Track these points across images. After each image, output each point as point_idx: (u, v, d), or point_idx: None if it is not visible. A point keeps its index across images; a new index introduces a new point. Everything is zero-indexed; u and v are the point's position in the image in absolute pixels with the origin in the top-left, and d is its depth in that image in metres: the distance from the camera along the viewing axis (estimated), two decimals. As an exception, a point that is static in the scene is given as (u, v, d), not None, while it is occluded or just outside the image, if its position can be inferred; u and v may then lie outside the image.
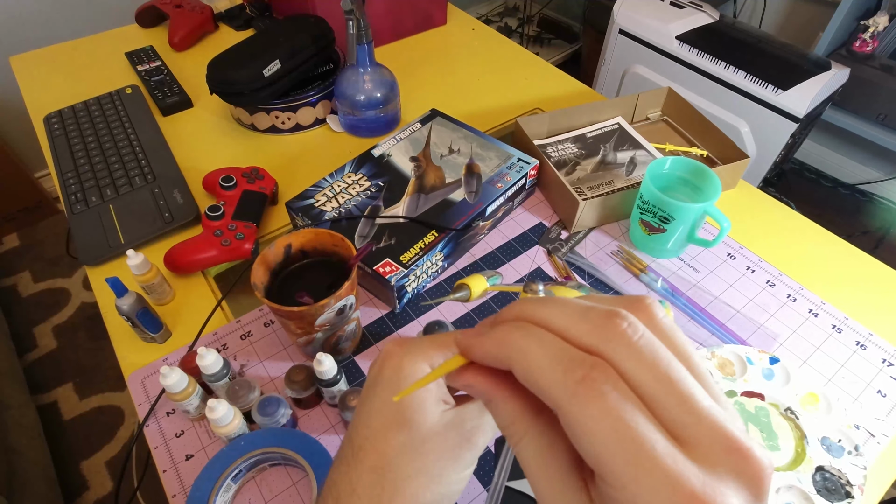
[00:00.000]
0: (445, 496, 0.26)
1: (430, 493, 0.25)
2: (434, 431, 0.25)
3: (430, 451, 0.25)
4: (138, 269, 0.55)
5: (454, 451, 0.25)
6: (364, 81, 0.76)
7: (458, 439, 0.25)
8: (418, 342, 0.26)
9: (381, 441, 0.25)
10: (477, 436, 0.26)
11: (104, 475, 1.16)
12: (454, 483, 0.26)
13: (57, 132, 0.80)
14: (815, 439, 0.48)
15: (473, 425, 0.25)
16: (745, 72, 1.26)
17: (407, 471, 0.24)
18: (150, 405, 0.51)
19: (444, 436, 0.25)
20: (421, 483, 0.24)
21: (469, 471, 0.26)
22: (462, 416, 0.26)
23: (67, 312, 1.47)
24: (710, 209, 0.58)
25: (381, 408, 0.25)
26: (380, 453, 0.25)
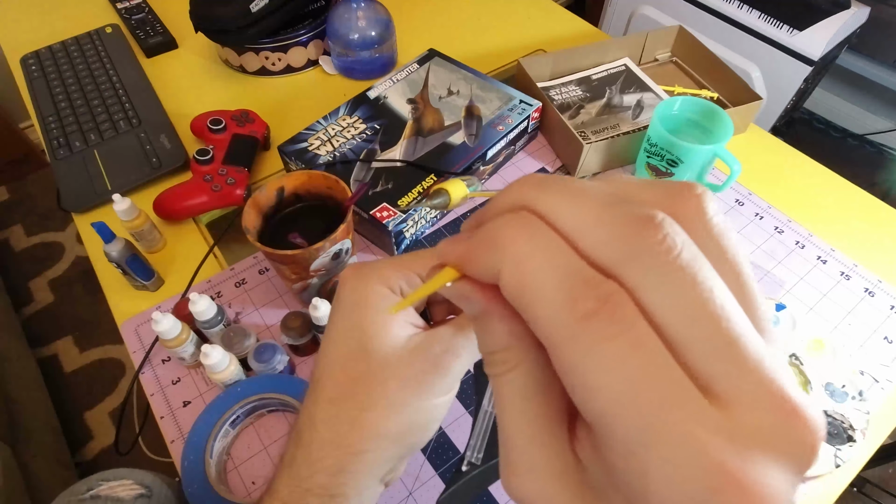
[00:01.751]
0: (416, 425, 0.24)
1: (392, 422, 0.23)
2: (396, 357, 0.23)
3: (391, 378, 0.23)
4: (126, 215, 0.53)
5: (420, 378, 0.23)
6: (357, 18, 0.72)
7: (424, 365, 0.23)
8: (375, 264, 0.24)
9: (338, 371, 0.24)
10: (448, 360, 0.24)
11: (108, 425, 1.18)
12: (424, 411, 0.24)
13: (35, 74, 0.75)
14: (818, 385, 0.48)
15: (443, 349, 0.23)
16: (759, 11, 1.20)
17: (365, 401, 0.23)
18: (144, 353, 0.50)
19: (408, 361, 0.23)
20: (381, 413, 0.23)
21: (444, 399, 0.24)
22: (430, 340, 0.24)
23: (62, 266, 1.45)
24: (720, 151, 0.55)
25: (336, 337, 0.24)
26: (337, 383, 0.23)
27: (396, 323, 0.24)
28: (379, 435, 0.23)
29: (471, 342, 0.24)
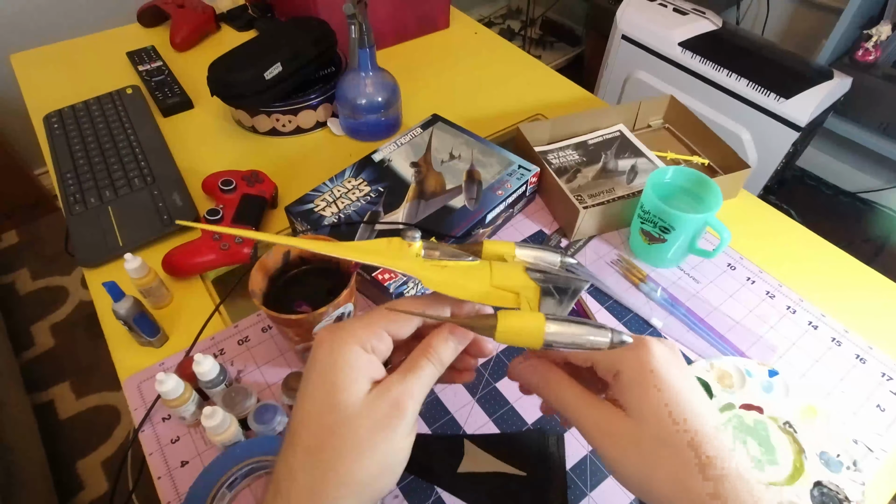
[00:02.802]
0: (385, 467, 0.26)
1: (364, 466, 0.25)
2: (363, 405, 0.26)
3: (360, 426, 0.26)
4: (136, 273, 0.55)
5: (384, 421, 0.26)
6: (365, 85, 0.76)
7: (386, 409, 0.26)
8: (347, 325, 0.28)
9: (313, 423, 0.26)
10: (405, 400, 0.27)
11: (100, 475, 1.16)
12: (390, 454, 0.26)
13: (57, 132, 0.79)
14: (813, 454, 0.48)
15: (399, 391, 0.27)
16: (748, 79, 1.26)
17: (339, 448, 0.25)
18: (145, 410, 0.51)
19: (372, 408, 0.26)
20: (353, 458, 0.25)
21: (406, 441, 0.27)
22: (388, 385, 0.27)
23: (66, 310, 1.46)
24: (711, 220, 0.57)
25: (313, 392, 0.27)
26: (312, 434, 0.26)
27: (363, 376, 0.27)
28: (353, 480, 0.25)
29: (420, 382, 0.27)
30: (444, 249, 0.32)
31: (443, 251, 0.32)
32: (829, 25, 1.45)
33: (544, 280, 0.31)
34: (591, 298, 0.61)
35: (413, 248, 0.32)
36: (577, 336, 0.27)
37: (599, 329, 0.28)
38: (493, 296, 0.30)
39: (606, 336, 0.28)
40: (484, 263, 0.32)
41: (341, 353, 0.27)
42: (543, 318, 0.27)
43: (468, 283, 0.31)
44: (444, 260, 0.32)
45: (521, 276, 0.31)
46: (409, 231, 0.32)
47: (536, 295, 0.30)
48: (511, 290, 0.31)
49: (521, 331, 0.27)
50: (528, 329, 0.27)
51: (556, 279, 0.31)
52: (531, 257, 0.34)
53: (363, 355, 0.27)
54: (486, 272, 0.31)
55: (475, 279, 0.31)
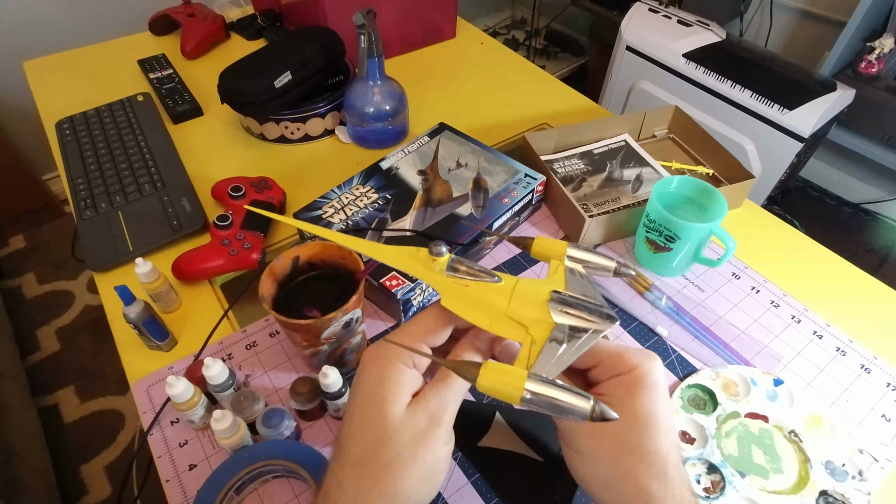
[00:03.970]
0: (425, 478, 0.28)
1: (407, 477, 0.27)
2: (404, 418, 0.27)
3: (402, 439, 0.27)
4: (146, 278, 0.56)
5: (425, 433, 0.27)
6: (373, 94, 0.77)
7: (425, 422, 0.28)
8: (391, 343, 0.29)
9: (360, 437, 0.28)
10: (442, 412, 0.28)
11: (103, 480, 1.16)
12: (430, 463, 0.28)
13: (68, 138, 0.80)
14: (818, 463, 0.48)
15: (435, 403, 0.28)
16: (751, 91, 1.27)
17: (384, 460, 0.27)
18: (154, 413, 0.51)
19: (412, 422, 0.27)
20: (397, 470, 0.27)
21: (445, 450, 0.29)
22: (425, 398, 0.28)
23: (71, 315, 1.47)
24: (716, 229, 0.58)
25: (361, 407, 0.28)
26: (359, 448, 0.28)
27: (406, 391, 0.28)
28: (397, 490, 0.27)
29: (453, 391, 0.29)
30: (469, 267, 0.32)
31: (468, 268, 0.32)
32: (832, 37, 1.46)
33: (568, 312, 0.30)
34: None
35: (438, 263, 0.32)
36: (556, 402, 0.25)
37: (581, 398, 0.25)
38: (503, 325, 0.30)
39: (587, 405, 0.25)
40: (507, 287, 0.31)
41: (386, 371, 0.28)
42: (525, 377, 0.26)
43: (484, 306, 0.30)
44: (466, 279, 0.31)
45: (539, 307, 0.30)
46: (437, 246, 0.32)
47: (547, 333, 0.29)
48: (524, 321, 0.30)
49: (500, 386, 0.26)
50: (507, 386, 0.26)
51: (582, 311, 0.30)
52: (582, 260, 0.33)
53: (406, 371, 0.29)
54: (506, 297, 0.31)
55: (492, 303, 0.31)
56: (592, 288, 0.32)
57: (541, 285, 0.32)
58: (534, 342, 0.29)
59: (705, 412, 0.52)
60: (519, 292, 0.31)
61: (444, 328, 0.31)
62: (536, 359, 0.28)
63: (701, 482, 0.47)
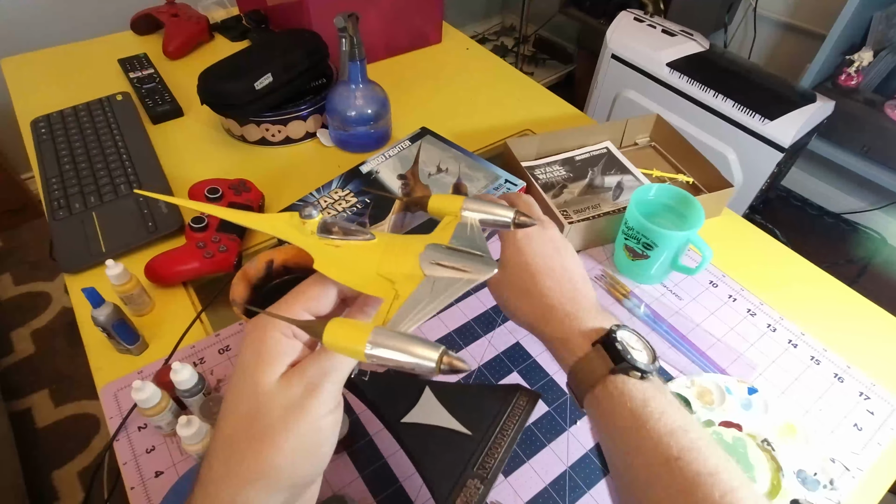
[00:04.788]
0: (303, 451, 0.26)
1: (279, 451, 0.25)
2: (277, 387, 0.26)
3: (273, 409, 0.25)
4: (117, 280, 0.54)
5: (301, 402, 0.25)
6: (355, 98, 0.77)
7: (300, 389, 0.26)
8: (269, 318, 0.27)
9: (232, 412, 0.26)
10: (320, 379, 0.26)
11: (75, 486, 1.13)
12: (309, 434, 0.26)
13: (44, 137, 0.79)
14: (790, 472, 0.48)
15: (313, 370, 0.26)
16: (733, 101, 1.28)
17: (254, 433, 0.25)
18: (121, 419, 0.50)
19: (286, 390, 0.25)
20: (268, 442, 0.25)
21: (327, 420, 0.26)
22: (303, 366, 0.26)
23: (47, 317, 1.44)
24: (693, 237, 0.58)
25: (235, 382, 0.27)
26: (230, 423, 0.26)
27: (281, 361, 0.26)
28: (268, 464, 0.25)
29: (335, 360, 0.27)
30: (341, 226, 0.31)
31: (339, 228, 0.31)
32: (813, 50, 1.49)
33: (441, 264, 0.29)
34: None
35: (308, 225, 0.31)
36: (400, 355, 0.24)
37: (429, 348, 0.24)
38: (372, 283, 0.29)
39: (433, 355, 0.23)
40: (378, 244, 0.31)
41: (262, 341, 0.26)
42: (369, 331, 0.24)
43: (355, 266, 0.29)
44: (337, 239, 0.31)
45: (410, 262, 0.29)
46: (307, 208, 0.31)
47: (411, 288, 0.27)
48: (394, 277, 0.29)
49: (344, 342, 0.24)
50: (350, 341, 0.24)
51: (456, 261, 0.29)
52: (479, 211, 0.32)
53: (283, 340, 0.27)
54: (377, 255, 0.30)
55: (363, 262, 0.30)
56: (479, 238, 0.31)
57: (418, 240, 0.30)
58: (397, 297, 0.27)
59: (680, 420, 0.52)
60: (391, 248, 0.30)
61: (325, 294, 0.30)
62: (394, 314, 0.26)
63: (674, 491, 0.47)
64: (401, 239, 0.31)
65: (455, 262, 0.29)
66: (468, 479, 0.34)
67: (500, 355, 0.57)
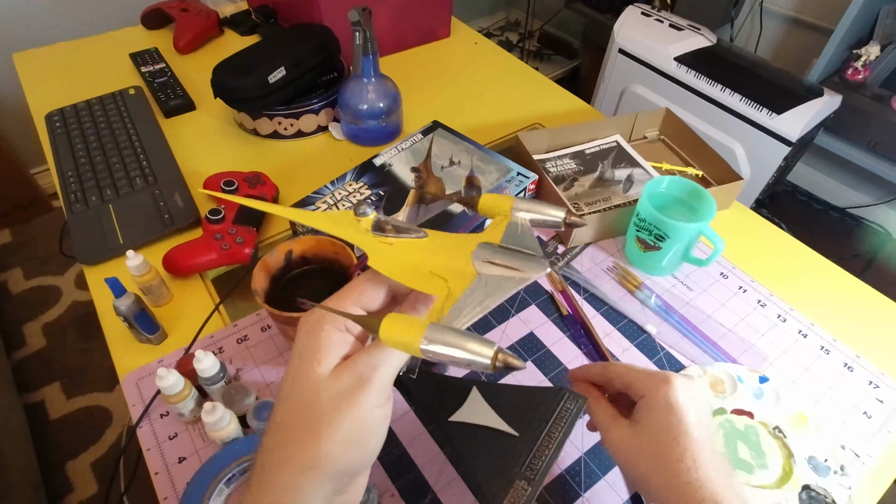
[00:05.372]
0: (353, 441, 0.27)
1: (330, 440, 0.26)
2: (329, 378, 0.27)
3: (324, 400, 0.26)
4: (137, 271, 0.55)
5: (351, 393, 0.26)
6: (367, 91, 0.77)
7: (351, 381, 0.27)
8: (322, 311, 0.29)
9: (287, 400, 0.27)
10: (370, 373, 0.27)
11: (89, 477, 1.15)
12: (359, 425, 0.26)
13: (59, 130, 0.80)
14: (802, 458, 0.49)
15: (363, 363, 0.27)
16: (741, 95, 1.29)
17: (307, 422, 0.26)
18: (143, 407, 0.51)
19: (337, 381, 0.27)
20: (320, 430, 0.26)
21: (377, 412, 0.27)
22: (355, 360, 0.27)
23: (57, 311, 1.46)
24: (704, 229, 0.59)
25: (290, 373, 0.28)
26: (284, 411, 0.27)
27: (333, 354, 0.27)
28: (319, 452, 0.26)
29: (385, 354, 0.28)
30: (394, 225, 0.32)
31: (393, 226, 0.31)
32: (819, 45, 1.49)
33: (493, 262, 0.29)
34: (587, 305, 0.62)
35: (363, 222, 0.32)
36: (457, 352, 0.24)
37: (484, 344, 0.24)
38: (425, 280, 0.29)
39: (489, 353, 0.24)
40: (431, 242, 0.31)
41: (315, 334, 0.28)
42: (425, 326, 0.24)
43: (407, 263, 0.30)
44: (390, 237, 0.31)
45: (463, 260, 0.29)
46: (362, 206, 0.32)
47: (464, 286, 0.28)
48: (447, 275, 0.29)
49: (400, 336, 0.25)
50: (406, 336, 0.25)
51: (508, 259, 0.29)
52: (530, 210, 0.32)
53: (335, 333, 0.28)
54: (431, 252, 0.30)
55: (416, 259, 0.30)
56: (530, 238, 0.31)
57: (470, 239, 0.30)
58: (450, 295, 0.27)
59: (692, 408, 0.52)
60: (444, 246, 0.30)
61: (376, 290, 0.30)
62: (448, 310, 0.26)
63: (687, 477, 0.48)
64: (452, 237, 0.31)
65: (507, 260, 0.29)
66: (515, 479, 0.34)
67: (515, 344, 0.57)
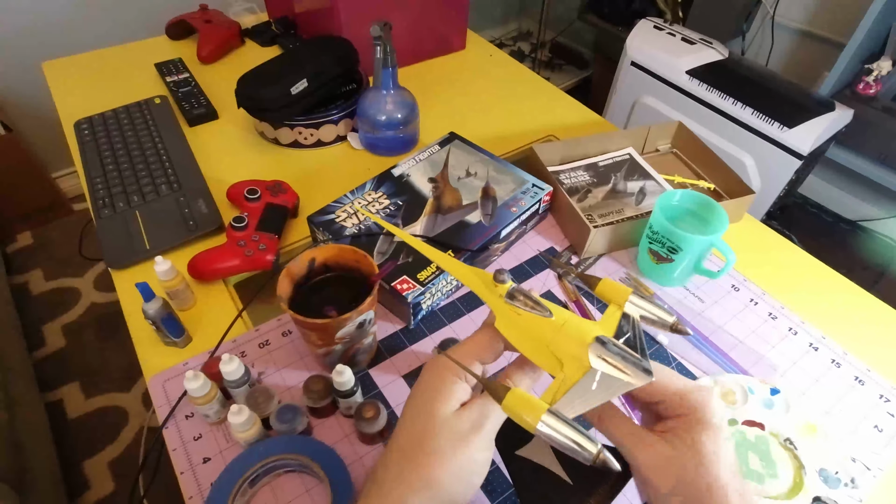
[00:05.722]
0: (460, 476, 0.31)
1: (444, 471, 0.31)
2: (451, 418, 0.32)
3: (444, 435, 0.31)
4: (165, 276, 0.57)
5: (466, 435, 0.31)
6: (386, 103, 0.79)
7: (468, 425, 0.32)
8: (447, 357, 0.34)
9: (409, 428, 0.33)
10: (483, 421, 0.32)
11: (106, 476, 1.17)
12: (467, 463, 0.31)
13: (87, 138, 0.82)
14: (812, 470, 0.50)
15: (479, 412, 0.32)
16: (752, 108, 1.29)
17: (427, 449, 0.31)
18: (169, 408, 0.53)
19: (457, 423, 0.32)
20: (436, 460, 0.31)
21: (482, 455, 0.32)
22: (471, 406, 0.32)
23: (77, 312, 1.49)
24: (716, 242, 0.60)
25: (414, 405, 0.33)
26: (407, 437, 0.32)
27: (454, 399, 0.33)
28: (433, 478, 0.31)
29: (496, 407, 0.32)
30: (526, 297, 0.35)
31: (525, 299, 0.35)
32: (831, 58, 1.49)
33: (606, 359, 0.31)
34: (600, 315, 0.63)
35: (500, 288, 0.35)
36: (565, 440, 0.28)
37: (589, 442, 0.28)
38: (543, 356, 0.32)
39: (593, 450, 0.28)
40: (556, 322, 0.33)
41: (442, 379, 0.33)
42: (544, 410, 0.29)
43: (530, 335, 0.33)
44: (521, 309, 0.34)
45: (581, 347, 0.32)
46: (502, 274, 0.35)
47: (579, 375, 0.31)
48: (563, 357, 0.32)
49: (521, 412, 0.29)
50: (526, 414, 0.29)
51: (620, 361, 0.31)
52: (642, 308, 0.35)
53: (458, 383, 0.33)
54: (553, 331, 0.33)
55: (539, 334, 0.33)
56: (640, 340, 0.33)
57: (590, 327, 0.33)
58: (564, 380, 0.31)
59: (704, 418, 0.53)
60: (566, 329, 0.33)
61: (495, 350, 0.35)
62: (562, 396, 0.30)
63: (699, 485, 0.49)
64: (575, 321, 0.33)
65: (617, 362, 0.31)
66: None
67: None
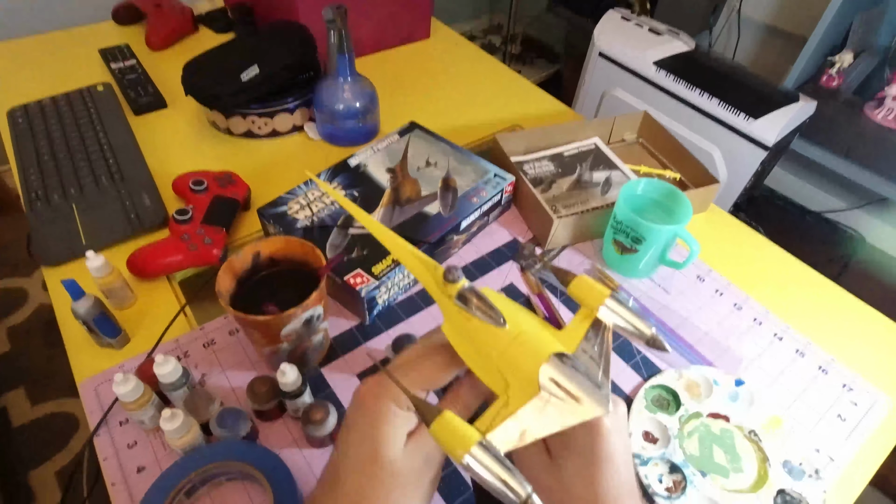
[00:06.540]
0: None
1: None
2: (402, 459, 0.29)
3: (399, 478, 0.29)
4: (98, 272, 0.53)
5: (420, 474, 0.29)
6: (343, 91, 0.76)
7: (420, 462, 0.29)
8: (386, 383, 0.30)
9: (357, 472, 0.29)
10: (437, 454, 0.30)
11: (53, 486, 1.11)
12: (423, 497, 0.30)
13: (21, 126, 0.77)
14: (777, 462, 0.49)
15: (431, 446, 0.29)
16: (719, 99, 1.30)
17: (380, 496, 0.28)
18: (102, 414, 0.49)
19: (411, 462, 0.29)
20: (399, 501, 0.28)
21: (432, 488, 0.31)
22: (420, 441, 0.29)
23: (24, 314, 1.41)
24: (681, 232, 0.59)
25: (357, 442, 0.29)
26: (356, 482, 0.29)
27: (401, 431, 0.29)
28: None
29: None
30: (479, 302, 0.30)
31: (477, 303, 0.30)
32: (795, 52, 1.51)
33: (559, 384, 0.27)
34: (565, 308, 0.61)
35: (449, 287, 0.30)
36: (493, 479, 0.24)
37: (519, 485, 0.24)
38: (488, 373, 0.28)
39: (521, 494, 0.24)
40: (509, 334, 0.29)
41: (378, 412, 0.29)
42: (474, 442, 0.24)
43: (478, 346, 0.29)
44: (471, 313, 0.29)
45: (531, 370, 0.27)
46: (454, 272, 0.30)
47: (524, 401, 0.26)
48: (510, 377, 0.28)
49: (448, 440, 0.25)
50: (453, 444, 0.25)
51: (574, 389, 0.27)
52: (617, 317, 0.30)
53: (399, 413, 0.29)
54: (503, 345, 0.28)
55: (487, 346, 0.29)
56: (607, 357, 0.29)
57: (548, 342, 0.28)
58: (507, 404, 0.26)
59: (668, 412, 0.52)
60: (518, 344, 0.28)
61: (444, 377, 0.31)
62: (500, 424, 0.26)
63: (663, 482, 0.47)
64: (532, 334, 0.29)
65: (572, 387, 0.27)
66: None
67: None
